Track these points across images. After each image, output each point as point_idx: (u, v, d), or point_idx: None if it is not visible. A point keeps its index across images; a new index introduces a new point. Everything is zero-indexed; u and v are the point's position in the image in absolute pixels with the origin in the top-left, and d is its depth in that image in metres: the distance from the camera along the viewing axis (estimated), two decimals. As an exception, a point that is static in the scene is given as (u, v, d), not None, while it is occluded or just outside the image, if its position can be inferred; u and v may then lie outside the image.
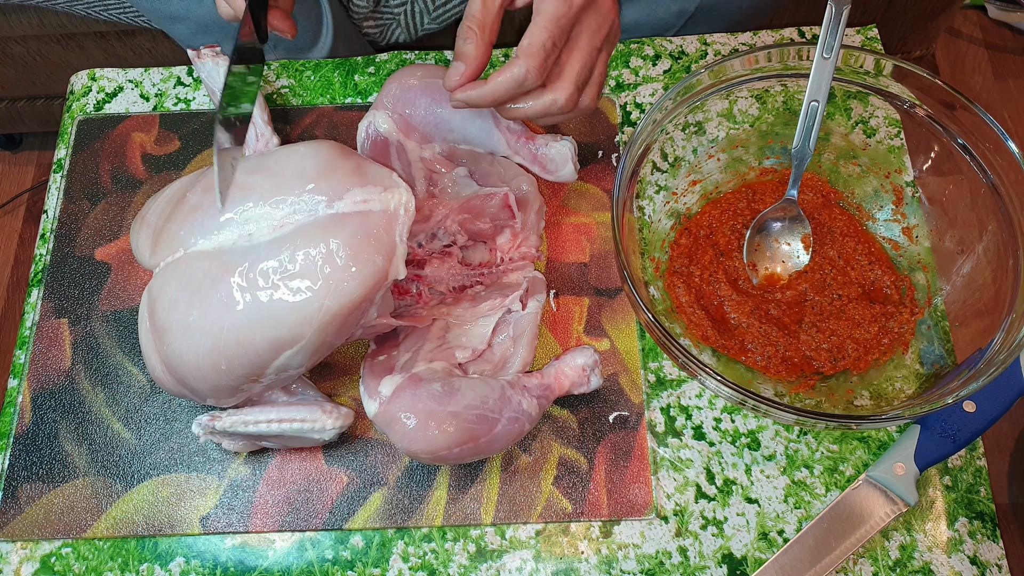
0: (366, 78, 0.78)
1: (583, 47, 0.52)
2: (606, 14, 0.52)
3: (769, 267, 0.67)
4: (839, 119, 0.70)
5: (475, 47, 0.51)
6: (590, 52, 0.53)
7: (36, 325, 0.67)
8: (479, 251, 0.66)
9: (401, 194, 0.54)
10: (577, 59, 0.52)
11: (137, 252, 0.59)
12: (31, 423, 0.64)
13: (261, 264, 0.52)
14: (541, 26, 0.50)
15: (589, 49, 0.53)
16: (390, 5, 0.88)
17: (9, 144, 1.61)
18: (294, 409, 0.58)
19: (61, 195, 0.73)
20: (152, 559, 0.60)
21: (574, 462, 0.62)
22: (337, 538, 0.61)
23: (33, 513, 0.61)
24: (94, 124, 0.76)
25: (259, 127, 0.68)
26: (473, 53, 0.51)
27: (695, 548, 0.60)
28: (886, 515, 0.58)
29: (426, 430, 0.54)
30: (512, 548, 0.60)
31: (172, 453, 0.63)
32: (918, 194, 0.66)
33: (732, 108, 0.69)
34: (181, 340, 0.53)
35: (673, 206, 0.68)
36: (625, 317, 0.66)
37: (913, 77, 0.61)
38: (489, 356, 0.63)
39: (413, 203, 0.54)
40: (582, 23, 0.51)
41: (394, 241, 0.54)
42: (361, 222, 0.53)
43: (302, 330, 0.52)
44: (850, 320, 0.63)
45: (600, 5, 0.52)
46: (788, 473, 0.62)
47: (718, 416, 0.64)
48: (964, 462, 0.62)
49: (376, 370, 0.61)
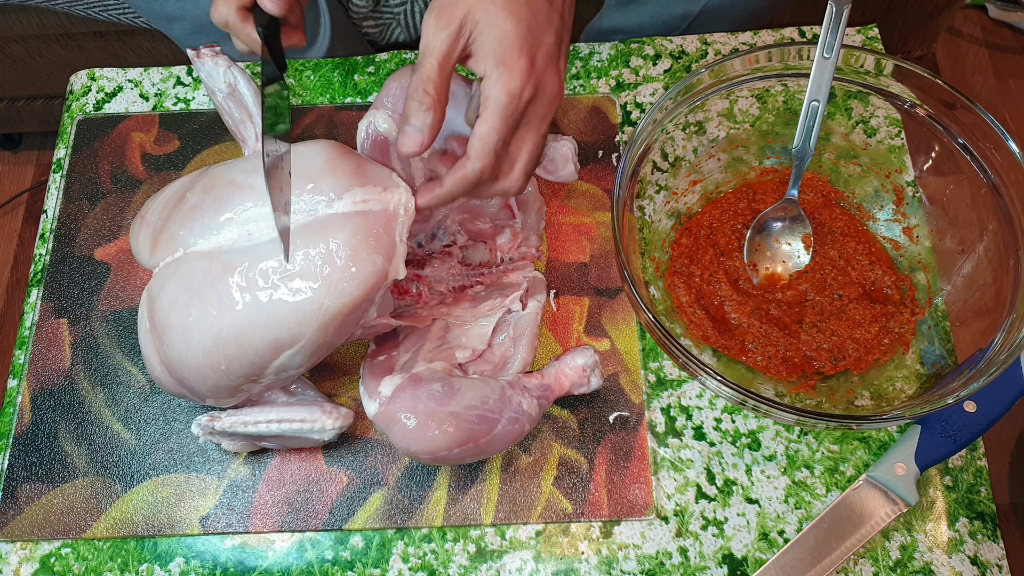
0: (366, 78, 0.78)
1: (531, 139, 0.53)
2: (552, 99, 0.52)
3: (770, 267, 0.67)
4: (840, 119, 0.70)
5: (431, 113, 0.50)
6: (537, 142, 0.53)
7: (36, 325, 0.67)
8: (479, 251, 0.66)
9: (401, 194, 0.54)
10: (526, 152, 0.53)
11: (136, 252, 0.59)
12: (31, 423, 0.64)
13: (261, 264, 0.52)
14: (491, 126, 0.50)
15: (536, 138, 0.53)
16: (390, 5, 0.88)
17: (9, 144, 1.61)
18: (294, 409, 0.58)
19: (61, 195, 0.72)
20: (152, 559, 0.60)
21: (574, 462, 0.62)
22: (337, 538, 0.61)
23: (33, 513, 0.61)
24: (94, 124, 0.76)
25: (259, 127, 0.68)
26: (429, 120, 0.50)
27: (695, 548, 0.60)
28: (887, 515, 0.58)
29: (426, 430, 0.54)
30: (512, 548, 0.60)
31: (172, 453, 0.63)
32: (919, 194, 0.66)
33: (732, 108, 0.69)
34: (181, 340, 0.53)
35: (673, 206, 0.68)
36: (625, 317, 0.66)
37: (914, 77, 0.61)
38: (489, 356, 0.63)
39: (413, 203, 0.54)
40: (529, 113, 0.52)
41: (394, 241, 0.54)
42: (361, 222, 0.53)
43: (302, 330, 0.52)
44: (851, 320, 0.63)
45: (546, 90, 0.51)
46: (789, 473, 0.62)
47: (718, 416, 0.64)
48: (965, 462, 0.62)
49: (376, 370, 0.61)
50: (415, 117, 0.50)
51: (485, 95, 0.50)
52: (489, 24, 0.49)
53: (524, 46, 0.49)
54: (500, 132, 0.50)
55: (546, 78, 0.51)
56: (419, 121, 0.50)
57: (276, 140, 0.53)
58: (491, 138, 0.50)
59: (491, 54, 0.49)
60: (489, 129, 0.50)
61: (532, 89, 0.50)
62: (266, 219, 0.54)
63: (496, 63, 0.49)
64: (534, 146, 0.53)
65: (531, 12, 0.50)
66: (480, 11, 0.49)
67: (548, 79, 0.51)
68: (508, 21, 0.49)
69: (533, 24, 0.50)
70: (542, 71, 0.51)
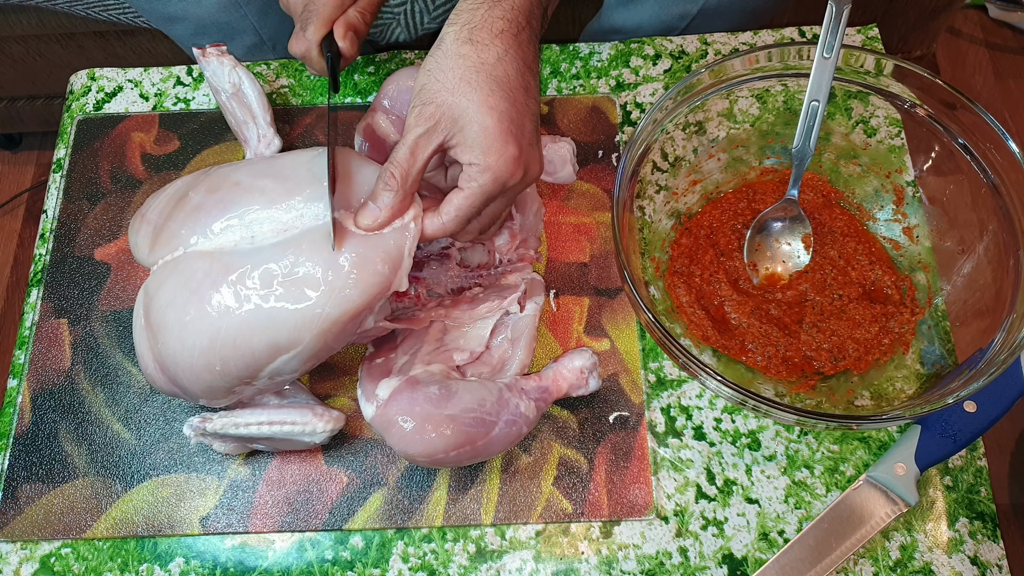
0: (366, 78, 0.78)
1: (501, 207, 0.56)
2: (534, 179, 0.55)
3: (770, 267, 0.67)
4: (840, 119, 0.70)
5: (395, 198, 0.53)
6: (504, 209, 0.57)
7: (36, 325, 0.67)
8: (477, 253, 0.66)
9: (413, 209, 0.54)
10: (490, 217, 0.56)
11: (135, 249, 0.59)
12: (31, 423, 0.64)
13: (264, 267, 0.52)
14: (470, 202, 0.53)
15: (506, 205, 0.56)
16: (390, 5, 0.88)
17: (9, 144, 1.61)
18: (285, 412, 0.58)
19: (61, 195, 0.72)
20: (152, 559, 0.60)
21: (574, 462, 0.62)
22: (337, 539, 0.61)
23: (33, 513, 0.61)
24: (94, 124, 0.76)
25: (262, 127, 0.68)
26: (391, 203, 0.53)
27: (695, 548, 0.60)
28: (887, 515, 0.58)
29: (423, 433, 0.54)
30: (512, 549, 0.60)
31: (172, 453, 0.63)
32: (919, 194, 0.66)
33: (732, 108, 0.69)
34: (176, 339, 0.53)
35: (673, 206, 0.68)
36: (625, 317, 0.66)
37: (914, 77, 0.61)
38: (487, 358, 0.63)
39: (422, 218, 0.55)
40: (508, 191, 0.54)
41: (402, 254, 0.54)
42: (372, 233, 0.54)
43: (300, 335, 0.52)
44: (851, 320, 0.63)
45: (530, 172, 0.54)
46: (788, 473, 0.62)
47: (718, 416, 0.64)
48: (965, 462, 0.62)
49: (374, 373, 0.61)
50: (380, 196, 0.53)
51: (470, 176, 0.52)
52: (469, 120, 0.51)
53: (509, 137, 0.52)
54: (477, 207, 0.54)
55: (531, 161, 0.54)
56: (382, 201, 0.53)
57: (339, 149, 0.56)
58: (466, 211, 0.53)
59: (475, 146, 0.52)
60: (468, 204, 0.53)
61: (520, 175, 0.53)
62: (270, 223, 0.54)
63: (482, 154, 0.52)
64: (500, 212, 0.57)
65: (510, 103, 0.52)
66: (457, 110, 0.51)
67: (533, 162, 0.54)
68: (488, 116, 0.51)
69: (513, 114, 0.52)
70: (528, 156, 0.53)
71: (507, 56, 0.53)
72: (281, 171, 0.56)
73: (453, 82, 0.52)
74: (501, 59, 0.52)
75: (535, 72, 0.55)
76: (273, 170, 0.57)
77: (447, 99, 0.52)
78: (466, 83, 0.51)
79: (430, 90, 0.52)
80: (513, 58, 0.53)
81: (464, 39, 0.52)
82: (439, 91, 0.52)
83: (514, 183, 0.53)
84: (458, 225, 0.54)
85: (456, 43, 0.53)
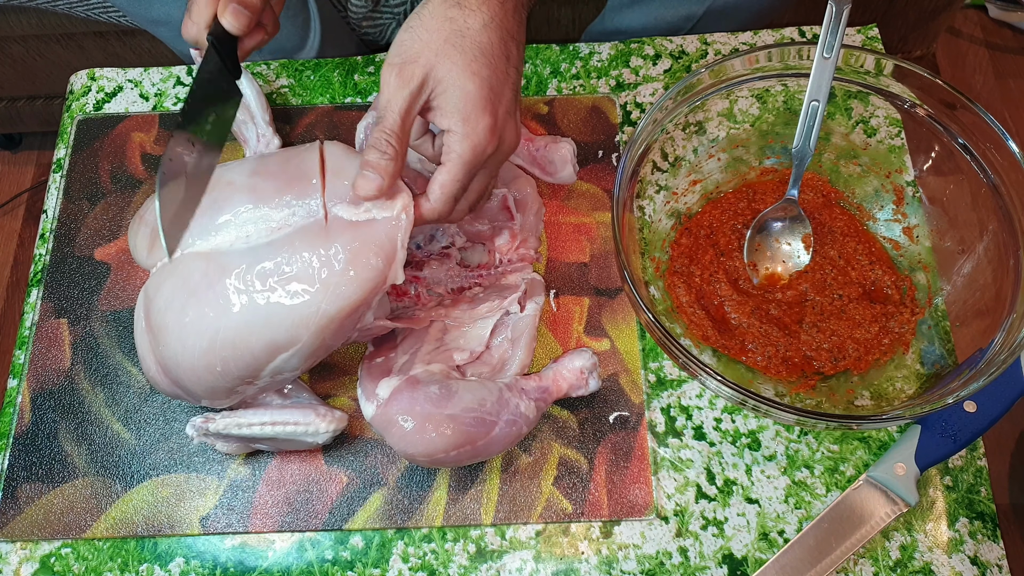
0: (366, 78, 0.78)
1: (484, 180, 0.57)
2: (511, 149, 0.56)
3: (770, 267, 0.67)
4: (839, 119, 0.70)
5: (392, 163, 0.52)
6: (489, 182, 0.58)
7: (35, 325, 0.67)
8: (477, 252, 0.66)
9: (402, 198, 0.54)
10: (476, 192, 0.57)
11: (135, 251, 0.59)
12: (31, 423, 0.64)
13: (259, 266, 0.52)
14: (453, 176, 0.53)
15: (489, 179, 0.57)
16: (390, 5, 0.88)
17: (9, 144, 1.61)
18: (288, 412, 0.58)
19: (60, 195, 0.72)
20: (152, 559, 0.60)
21: (574, 462, 0.62)
22: (337, 538, 0.60)
23: (33, 513, 0.61)
24: (94, 124, 0.76)
25: (260, 127, 0.68)
26: (391, 170, 0.53)
27: (695, 548, 0.60)
28: (887, 515, 0.58)
29: (423, 433, 0.54)
30: (512, 548, 0.60)
31: (172, 453, 0.63)
32: (919, 194, 0.66)
33: (732, 108, 0.69)
34: (176, 340, 0.53)
35: (673, 206, 0.68)
36: (625, 317, 0.66)
37: (914, 77, 0.61)
38: (487, 358, 0.63)
39: (413, 208, 0.54)
40: (489, 162, 0.55)
41: (395, 246, 0.54)
42: (364, 226, 0.53)
43: (299, 333, 0.52)
44: (851, 320, 0.63)
45: (506, 141, 0.55)
46: (789, 473, 0.62)
47: (718, 416, 0.64)
48: (965, 462, 0.61)
49: (374, 372, 0.61)
50: (378, 162, 0.53)
51: (449, 147, 0.53)
52: (452, 83, 0.51)
53: (487, 104, 0.52)
54: (462, 182, 0.54)
55: (507, 131, 0.54)
56: (381, 170, 0.53)
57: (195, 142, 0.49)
58: (452, 187, 0.54)
59: (456, 111, 0.52)
60: (452, 179, 0.53)
61: (495, 144, 0.53)
62: (263, 221, 0.54)
63: (461, 120, 0.52)
64: (485, 186, 0.57)
65: (491, 70, 0.52)
66: (443, 70, 0.51)
67: (508, 132, 0.54)
68: (471, 81, 0.51)
69: (494, 82, 0.52)
70: (503, 126, 0.54)
71: (492, 23, 0.53)
72: (271, 169, 0.56)
73: (438, 43, 0.51)
74: (486, 26, 0.52)
75: (519, 42, 0.55)
76: (264, 168, 0.57)
77: (431, 60, 0.51)
78: (451, 46, 0.51)
79: (413, 49, 0.52)
80: (498, 26, 0.53)
81: (452, 2, 0.52)
82: (422, 51, 0.51)
83: (491, 151, 0.53)
84: (447, 203, 0.54)
85: (444, 5, 0.52)
